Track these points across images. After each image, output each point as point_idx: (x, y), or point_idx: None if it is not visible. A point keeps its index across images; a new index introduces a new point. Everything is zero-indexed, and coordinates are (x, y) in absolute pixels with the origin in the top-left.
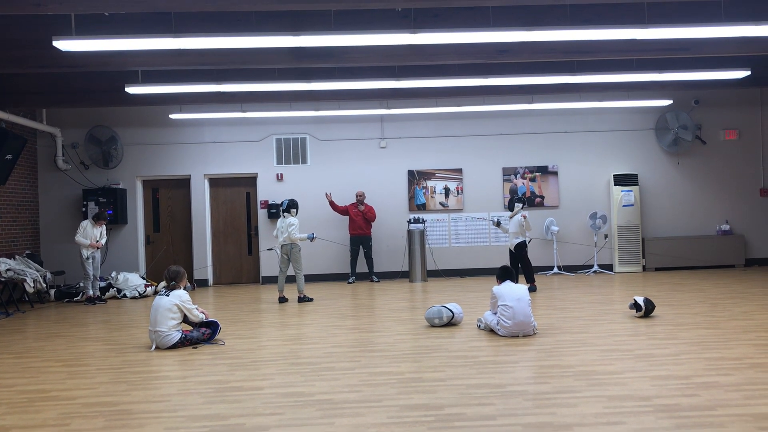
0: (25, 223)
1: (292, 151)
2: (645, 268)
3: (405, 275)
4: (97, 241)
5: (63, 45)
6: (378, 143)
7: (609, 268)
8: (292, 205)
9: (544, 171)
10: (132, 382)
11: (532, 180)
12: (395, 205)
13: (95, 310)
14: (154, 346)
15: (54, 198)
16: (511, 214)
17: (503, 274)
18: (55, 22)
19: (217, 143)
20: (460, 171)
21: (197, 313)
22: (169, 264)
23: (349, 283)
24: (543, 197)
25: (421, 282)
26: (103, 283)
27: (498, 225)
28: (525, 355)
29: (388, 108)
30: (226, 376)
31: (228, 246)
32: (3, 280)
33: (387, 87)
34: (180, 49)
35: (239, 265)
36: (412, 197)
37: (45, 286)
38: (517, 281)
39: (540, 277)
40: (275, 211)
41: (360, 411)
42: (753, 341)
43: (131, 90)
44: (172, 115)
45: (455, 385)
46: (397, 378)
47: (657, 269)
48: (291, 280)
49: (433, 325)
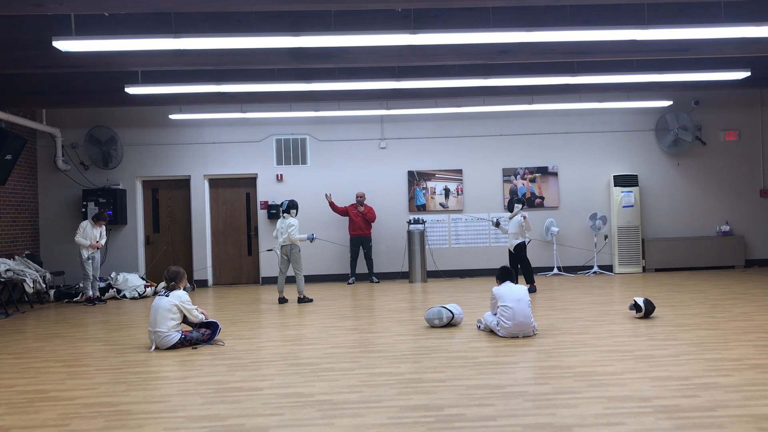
0: (25, 224)
1: (292, 152)
2: (645, 269)
3: (405, 276)
4: (96, 242)
5: (63, 45)
6: (378, 144)
7: (609, 269)
8: (291, 206)
9: (544, 172)
10: (131, 383)
11: (532, 181)
12: (395, 205)
13: (95, 311)
14: (153, 347)
15: (54, 198)
16: (510, 215)
17: (503, 275)
18: (55, 22)
19: (217, 144)
20: (460, 172)
21: (197, 314)
22: (168, 264)
23: (348, 283)
24: (543, 198)
25: (420, 283)
26: (102, 284)
27: (497, 225)
28: (525, 356)
29: (388, 109)
30: (225, 377)
31: (228, 246)
32: (2, 280)
33: (387, 87)
34: (180, 49)
35: (239, 265)
36: (412, 198)
37: (44, 286)
38: (517, 282)
39: (540, 277)
40: (275, 212)
41: (360, 411)
42: (753, 342)
43: (131, 90)
44: (172, 116)
45: (455, 385)
46: (397, 379)
47: (657, 270)
48: (291, 280)
49: (432, 326)
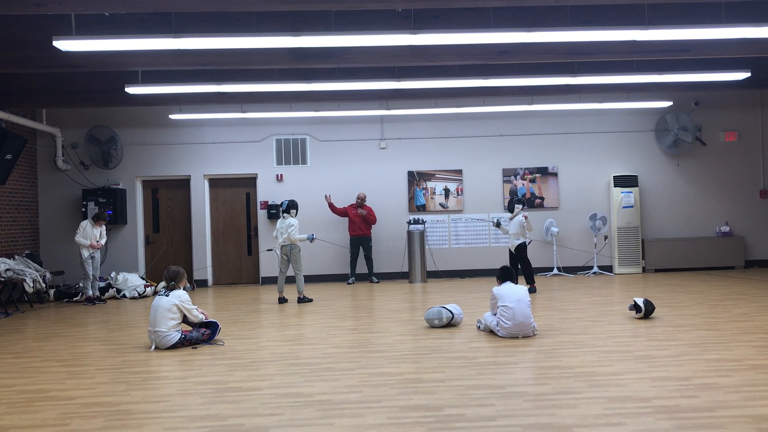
0: (25, 223)
1: (292, 152)
2: (645, 270)
3: (405, 276)
4: (96, 242)
5: (63, 45)
6: (378, 144)
7: (609, 269)
8: (291, 206)
9: (544, 172)
10: (131, 383)
11: (532, 181)
12: (395, 206)
13: (95, 311)
14: (153, 347)
15: (54, 198)
16: (511, 215)
17: (503, 275)
18: (56, 22)
19: (217, 144)
20: (460, 172)
21: (197, 314)
22: (168, 264)
23: (348, 283)
24: (543, 198)
25: (420, 283)
26: (102, 284)
27: (498, 225)
28: (525, 356)
29: (388, 109)
30: (225, 377)
31: (228, 246)
32: (2, 280)
33: (387, 88)
34: (180, 49)
35: (239, 265)
36: (411, 198)
37: (44, 286)
38: (517, 282)
39: (540, 278)
40: (275, 212)
41: (359, 412)
42: (753, 343)
43: (131, 90)
44: (172, 116)
45: (455, 386)
46: (397, 379)
47: (657, 270)
48: (291, 280)
49: (432, 326)
